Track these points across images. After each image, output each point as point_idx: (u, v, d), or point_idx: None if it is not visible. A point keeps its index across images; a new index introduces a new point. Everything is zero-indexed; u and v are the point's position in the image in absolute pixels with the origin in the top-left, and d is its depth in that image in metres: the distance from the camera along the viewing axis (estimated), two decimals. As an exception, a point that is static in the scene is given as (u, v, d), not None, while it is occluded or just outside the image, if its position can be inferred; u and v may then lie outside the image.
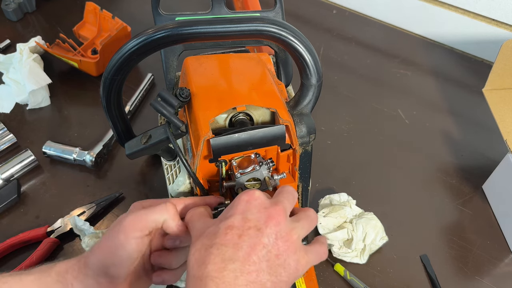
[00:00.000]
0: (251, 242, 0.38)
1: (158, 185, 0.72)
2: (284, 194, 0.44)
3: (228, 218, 0.40)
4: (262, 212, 0.40)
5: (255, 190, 0.42)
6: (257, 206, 0.41)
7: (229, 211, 0.41)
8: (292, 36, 0.47)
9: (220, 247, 0.38)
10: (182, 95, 0.50)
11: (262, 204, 0.41)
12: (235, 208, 0.41)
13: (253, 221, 0.40)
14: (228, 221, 0.40)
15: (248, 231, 0.39)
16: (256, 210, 0.40)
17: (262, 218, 0.40)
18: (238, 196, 0.42)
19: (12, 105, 0.83)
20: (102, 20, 0.90)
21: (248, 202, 0.41)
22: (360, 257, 0.63)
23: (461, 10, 0.92)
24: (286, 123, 0.51)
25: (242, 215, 0.40)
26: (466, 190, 0.73)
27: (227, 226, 0.39)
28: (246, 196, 0.42)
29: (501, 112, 0.70)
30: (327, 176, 0.73)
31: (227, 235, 0.39)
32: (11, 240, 0.63)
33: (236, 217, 0.40)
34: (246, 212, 0.40)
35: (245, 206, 0.41)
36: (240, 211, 0.40)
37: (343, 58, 0.94)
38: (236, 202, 0.42)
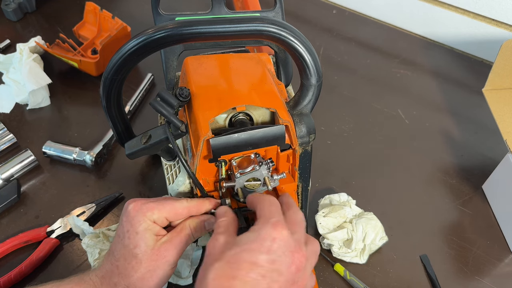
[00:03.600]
0: (271, 284, 0.39)
1: (158, 185, 0.72)
2: (301, 226, 0.45)
3: (252, 251, 0.40)
4: (287, 256, 0.41)
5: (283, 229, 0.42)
6: (283, 248, 0.41)
7: (253, 241, 0.41)
8: (292, 36, 0.47)
9: (243, 283, 0.38)
10: (181, 95, 0.50)
11: (288, 245, 0.41)
12: (262, 242, 0.41)
13: (277, 263, 0.40)
14: (253, 256, 0.40)
15: (272, 274, 0.39)
16: (281, 251, 0.41)
17: (286, 262, 0.40)
18: (265, 228, 0.42)
19: (12, 105, 0.83)
20: (102, 20, 0.90)
21: (275, 241, 0.41)
22: (360, 257, 0.63)
23: (461, 10, 0.92)
24: (286, 123, 0.51)
25: (268, 256, 0.40)
26: (466, 190, 0.73)
27: (251, 262, 0.39)
28: (274, 233, 0.41)
29: (501, 112, 0.70)
30: (327, 176, 0.73)
31: (251, 272, 0.39)
32: (11, 240, 0.63)
33: (262, 256, 0.40)
34: (272, 253, 0.40)
35: (271, 245, 0.41)
36: (266, 250, 0.40)
37: (343, 58, 0.94)
38: (262, 235, 0.41)
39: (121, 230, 0.47)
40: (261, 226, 0.42)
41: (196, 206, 0.49)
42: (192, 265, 0.61)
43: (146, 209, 0.46)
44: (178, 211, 0.48)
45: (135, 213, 0.46)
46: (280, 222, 0.42)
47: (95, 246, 0.60)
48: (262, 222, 0.42)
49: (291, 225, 0.44)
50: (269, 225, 0.42)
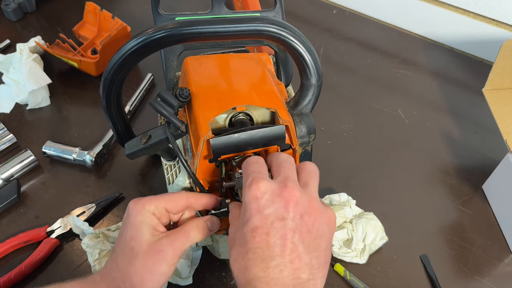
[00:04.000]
0: (281, 234, 0.39)
1: (158, 185, 0.72)
2: (284, 165, 0.44)
3: (248, 220, 0.40)
4: (277, 201, 0.41)
5: (258, 182, 0.41)
6: (269, 198, 0.41)
7: (245, 214, 0.41)
8: (292, 36, 0.47)
9: (255, 250, 0.39)
10: (182, 95, 0.50)
11: (273, 192, 0.41)
12: (249, 208, 0.41)
13: (272, 214, 0.40)
14: (250, 224, 0.40)
15: (273, 225, 0.40)
16: (270, 202, 0.41)
17: (280, 207, 0.40)
18: (246, 195, 0.42)
19: (12, 105, 0.83)
20: (102, 20, 0.90)
21: (257, 199, 0.41)
22: (360, 257, 0.63)
23: (461, 10, 0.92)
24: (286, 123, 0.51)
25: (259, 214, 0.40)
26: (466, 190, 0.73)
27: (251, 229, 0.40)
28: (252, 192, 0.41)
29: (501, 112, 0.70)
30: (327, 176, 0.73)
31: (256, 238, 0.39)
32: (11, 240, 0.63)
33: (255, 218, 0.40)
34: (262, 210, 0.40)
35: (258, 204, 0.41)
36: (256, 210, 0.40)
37: (343, 58, 0.94)
38: (248, 202, 0.41)
39: (121, 227, 0.47)
40: (243, 194, 0.43)
41: (194, 196, 0.49)
42: (192, 265, 0.61)
43: (144, 202, 0.46)
44: (176, 199, 0.48)
45: (133, 206, 0.46)
46: (255, 177, 0.42)
47: (95, 246, 0.60)
48: (243, 189, 0.43)
49: (274, 171, 0.44)
50: (246, 189, 0.42)
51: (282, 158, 0.45)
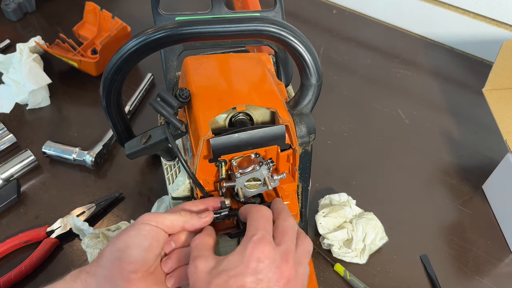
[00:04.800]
0: None
1: (158, 185, 0.72)
2: (289, 234, 0.44)
3: (238, 275, 0.40)
4: (274, 272, 0.41)
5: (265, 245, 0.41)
6: (269, 265, 0.41)
7: (238, 265, 0.41)
8: (292, 36, 0.47)
9: None
10: (182, 95, 0.50)
11: (274, 261, 0.41)
12: (246, 264, 0.41)
13: (265, 281, 0.40)
14: (240, 280, 0.40)
15: None
16: (268, 269, 0.41)
17: (273, 278, 0.41)
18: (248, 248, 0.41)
19: (12, 105, 0.83)
20: (102, 20, 0.90)
21: (260, 261, 0.41)
22: (360, 257, 0.63)
23: (461, 10, 0.92)
24: (286, 123, 0.51)
25: (254, 276, 0.40)
26: (466, 190, 0.73)
27: (239, 285, 0.40)
28: (257, 252, 0.41)
29: (501, 112, 0.70)
30: (327, 176, 0.73)
31: None
32: (11, 240, 0.63)
33: (248, 278, 0.40)
34: (258, 273, 0.40)
35: (256, 265, 0.40)
36: (252, 271, 0.40)
37: (343, 58, 0.94)
38: (247, 256, 0.41)
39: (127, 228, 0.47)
40: (245, 246, 0.42)
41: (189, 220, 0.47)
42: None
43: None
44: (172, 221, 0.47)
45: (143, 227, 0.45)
46: (264, 238, 0.42)
47: (95, 247, 0.60)
48: (246, 240, 0.42)
49: (278, 235, 0.43)
50: (252, 244, 0.41)
51: (289, 225, 0.45)
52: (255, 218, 0.44)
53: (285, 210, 0.47)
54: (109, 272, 0.43)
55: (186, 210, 0.48)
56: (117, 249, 0.44)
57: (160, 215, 0.46)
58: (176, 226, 0.46)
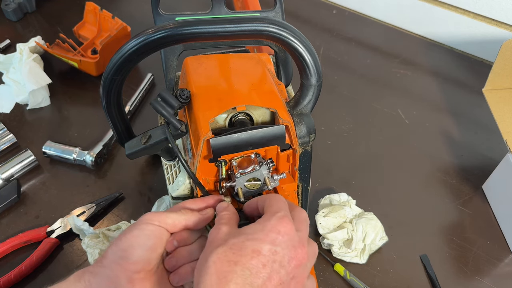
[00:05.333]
0: (271, 275, 0.39)
1: (158, 185, 0.72)
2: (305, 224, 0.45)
3: (258, 240, 0.40)
4: (290, 250, 0.41)
5: (289, 223, 0.42)
6: (287, 241, 0.41)
7: (258, 232, 0.41)
8: (292, 36, 0.47)
9: (244, 269, 0.39)
10: (182, 96, 0.50)
11: (292, 240, 0.41)
12: (267, 233, 0.41)
13: (280, 255, 0.40)
14: (256, 245, 0.40)
15: (273, 264, 0.40)
16: (285, 245, 0.41)
17: (287, 256, 0.41)
18: (272, 218, 0.42)
19: (12, 105, 0.83)
20: (102, 20, 0.90)
21: (280, 233, 0.41)
22: (360, 257, 0.63)
23: (461, 10, 0.92)
24: (286, 123, 0.51)
25: (271, 245, 0.40)
26: (466, 190, 0.73)
27: (254, 249, 0.40)
28: (280, 226, 0.41)
29: (501, 112, 0.70)
30: (327, 176, 0.73)
31: (253, 259, 0.39)
32: (11, 240, 0.63)
33: (265, 245, 0.40)
34: (276, 244, 0.40)
35: (276, 237, 0.41)
36: (270, 240, 0.40)
37: (343, 58, 0.94)
38: (269, 227, 0.41)
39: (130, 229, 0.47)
40: (268, 218, 0.42)
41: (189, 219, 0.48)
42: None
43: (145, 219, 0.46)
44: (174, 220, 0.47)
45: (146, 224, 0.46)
46: (287, 216, 0.42)
47: (95, 247, 0.60)
48: (269, 215, 0.43)
49: (297, 223, 0.44)
50: (276, 218, 0.42)
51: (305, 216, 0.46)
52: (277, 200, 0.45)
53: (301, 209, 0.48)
54: (112, 272, 0.43)
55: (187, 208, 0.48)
56: (120, 249, 0.44)
57: (162, 214, 0.46)
58: (178, 224, 0.46)
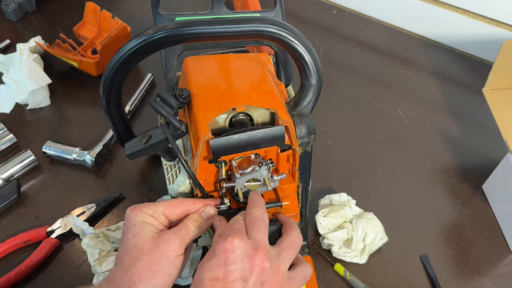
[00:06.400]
0: None
1: (158, 185, 0.72)
2: (259, 225, 0.45)
3: (211, 268, 0.41)
4: (246, 261, 0.41)
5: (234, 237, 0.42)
6: (240, 256, 0.41)
7: (212, 259, 0.42)
8: (292, 36, 0.47)
9: None
10: (181, 96, 0.50)
11: (245, 252, 0.42)
12: (218, 257, 0.42)
13: (237, 271, 0.41)
14: (213, 272, 0.41)
15: (234, 283, 0.40)
16: (239, 260, 0.41)
17: (246, 268, 0.41)
18: (218, 242, 0.43)
19: (12, 105, 0.83)
20: (102, 20, 0.90)
21: (228, 251, 0.42)
22: (360, 257, 0.63)
23: (461, 10, 0.92)
24: (285, 123, 0.51)
25: (225, 267, 0.41)
26: (466, 190, 0.73)
27: (212, 278, 0.41)
28: (226, 244, 0.42)
29: (501, 112, 0.70)
30: (327, 176, 0.73)
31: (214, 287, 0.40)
32: (11, 240, 0.63)
33: (220, 270, 0.41)
34: (230, 264, 0.41)
35: (227, 257, 0.41)
36: (223, 262, 0.41)
37: (343, 58, 0.94)
38: (219, 251, 0.42)
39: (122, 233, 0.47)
40: (215, 243, 0.44)
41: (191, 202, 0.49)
42: (192, 265, 0.61)
43: (142, 206, 0.47)
44: (173, 204, 0.48)
45: (131, 211, 0.47)
46: (232, 233, 0.43)
47: (95, 246, 0.60)
48: (216, 240, 0.44)
49: (248, 227, 0.45)
50: (221, 239, 0.43)
51: (256, 216, 0.46)
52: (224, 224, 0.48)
53: (253, 201, 0.48)
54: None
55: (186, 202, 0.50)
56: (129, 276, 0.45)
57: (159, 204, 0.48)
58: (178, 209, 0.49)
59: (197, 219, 0.48)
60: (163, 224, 0.48)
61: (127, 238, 0.46)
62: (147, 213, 0.46)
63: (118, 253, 0.47)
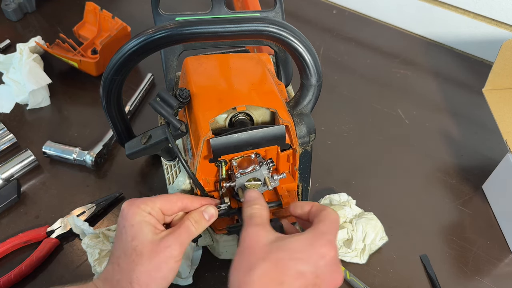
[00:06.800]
0: None
1: (158, 185, 0.72)
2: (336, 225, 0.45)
3: (301, 261, 0.41)
4: (330, 275, 0.42)
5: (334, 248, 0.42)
6: (328, 267, 0.42)
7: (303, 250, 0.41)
8: (292, 36, 0.47)
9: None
10: (181, 95, 0.50)
11: (332, 265, 0.42)
12: (311, 255, 0.41)
13: (320, 279, 0.41)
14: (301, 266, 0.41)
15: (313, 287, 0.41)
16: (326, 269, 0.42)
17: (327, 280, 0.42)
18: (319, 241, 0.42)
19: (12, 105, 0.83)
20: (102, 20, 0.90)
21: (324, 258, 0.42)
22: (360, 257, 0.63)
23: (461, 10, 0.92)
24: (286, 123, 0.51)
25: (315, 269, 0.41)
26: (466, 190, 0.73)
27: (299, 271, 0.40)
28: (325, 250, 0.42)
29: (501, 112, 0.70)
30: (327, 176, 0.73)
31: (297, 281, 0.40)
32: (11, 240, 0.63)
33: (309, 268, 0.41)
34: (320, 268, 0.41)
35: (319, 260, 0.41)
36: (314, 263, 0.41)
37: (343, 58, 0.94)
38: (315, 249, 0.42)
39: (118, 229, 0.47)
40: (316, 238, 0.42)
41: (190, 199, 0.49)
42: (192, 265, 0.61)
43: (139, 202, 0.46)
44: (171, 201, 0.48)
45: (128, 208, 0.46)
46: (334, 241, 0.43)
47: (95, 246, 0.60)
48: (318, 234, 0.43)
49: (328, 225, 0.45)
50: (324, 241, 0.42)
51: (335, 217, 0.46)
52: (330, 219, 0.45)
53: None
54: None
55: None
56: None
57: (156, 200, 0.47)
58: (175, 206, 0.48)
59: (198, 220, 0.48)
60: (161, 221, 0.48)
61: (125, 240, 0.45)
62: (145, 210, 0.46)
63: (114, 252, 0.46)
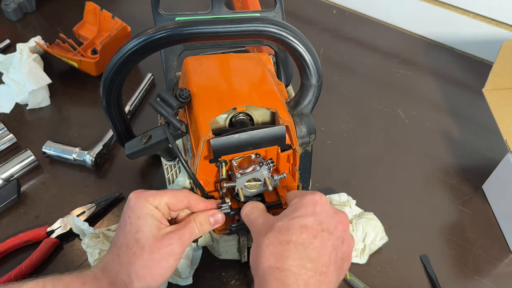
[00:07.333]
0: (323, 244, 0.41)
1: (158, 185, 0.72)
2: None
3: (301, 217, 0.42)
4: (332, 217, 0.43)
5: (322, 196, 0.45)
6: (327, 210, 0.43)
7: (298, 209, 0.43)
8: (292, 36, 0.47)
9: (297, 245, 0.41)
10: (181, 96, 0.50)
11: (331, 208, 0.44)
12: (306, 207, 0.43)
13: (325, 224, 0.42)
14: (302, 220, 0.42)
15: (322, 233, 0.42)
16: (326, 214, 0.43)
17: (332, 223, 0.43)
18: (306, 195, 0.44)
19: (12, 105, 0.83)
20: (102, 20, 0.90)
21: (318, 204, 0.43)
22: (360, 257, 0.63)
23: (461, 10, 0.92)
24: (286, 123, 0.51)
25: (315, 217, 0.42)
26: (466, 190, 0.73)
27: (302, 225, 0.42)
28: (316, 197, 0.44)
29: (501, 112, 0.70)
30: (327, 176, 0.73)
31: (303, 234, 0.41)
32: (11, 240, 0.63)
33: (309, 218, 0.42)
34: (318, 215, 0.43)
35: (315, 208, 0.43)
36: (312, 213, 0.43)
37: (343, 58, 0.94)
38: (306, 202, 0.44)
39: (122, 219, 0.47)
40: (301, 197, 0.44)
41: (195, 199, 0.49)
42: (192, 265, 0.61)
43: (148, 195, 0.47)
44: (178, 197, 0.48)
45: (136, 199, 0.46)
46: (319, 193, 0.45)
47: (95, 247, 0.60)
48: (301, 194, 0.45)
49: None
50: (310, 194, 0.44)
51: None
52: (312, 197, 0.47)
53: None
54: None
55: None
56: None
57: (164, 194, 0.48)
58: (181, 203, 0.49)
59: (203, 223, 0.48)
60: (166, 216, 0.48)
61: (129, 231, 0.45)
62: (153, 204, 0.46)
63: (116, 242, 0.46)
